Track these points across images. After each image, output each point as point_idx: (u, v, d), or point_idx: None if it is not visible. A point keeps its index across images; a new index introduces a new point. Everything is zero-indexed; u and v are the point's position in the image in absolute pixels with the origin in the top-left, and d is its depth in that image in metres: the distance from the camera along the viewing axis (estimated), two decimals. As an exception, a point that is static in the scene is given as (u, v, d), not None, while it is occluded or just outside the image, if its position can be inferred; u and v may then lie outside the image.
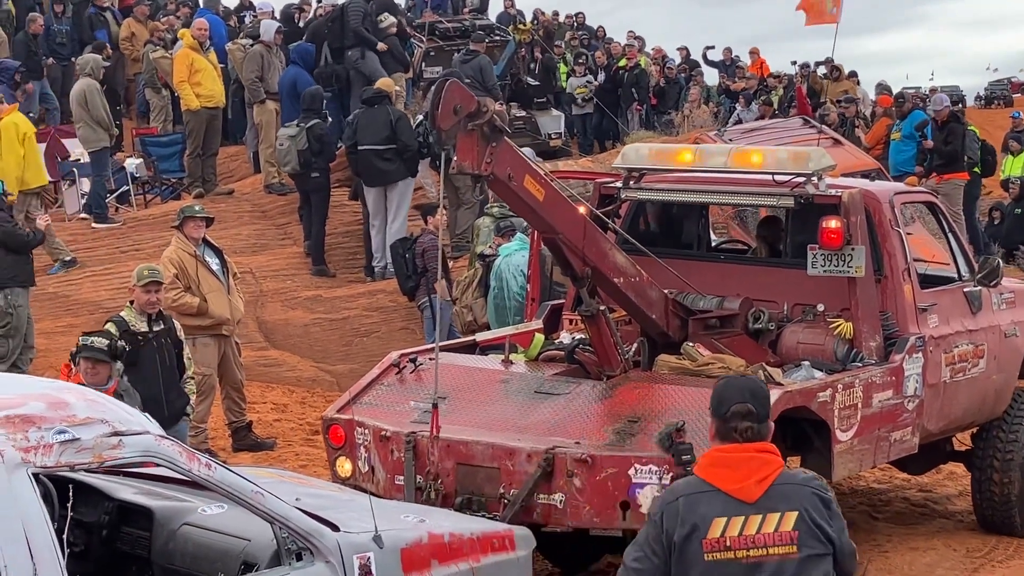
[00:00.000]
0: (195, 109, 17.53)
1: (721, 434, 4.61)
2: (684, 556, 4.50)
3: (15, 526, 4.86)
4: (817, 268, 8.53)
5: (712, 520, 4.49)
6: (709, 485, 4.55)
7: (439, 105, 7.13)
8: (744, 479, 4.53)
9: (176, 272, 10.83)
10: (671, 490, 4.69)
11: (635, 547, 4.62)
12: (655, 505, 4.68)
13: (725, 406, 4.61)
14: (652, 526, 4.58)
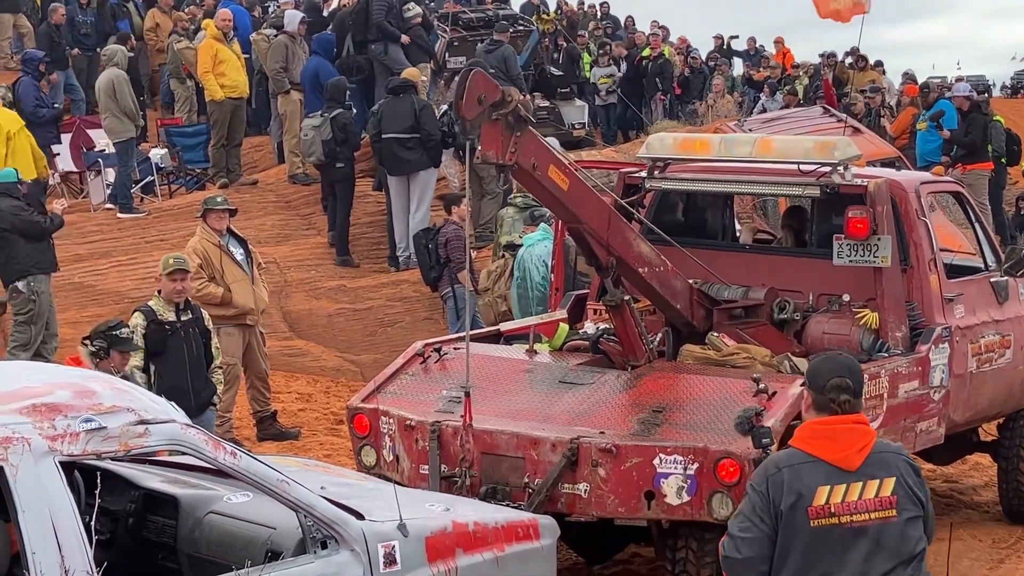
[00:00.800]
0: (219, 100, 17.56)
1: (819, 406, 4.91)
2: (790, 523, 4.79)
3: (42, 514, 4.90)
4: (843, 258, 8.50)
5: (816, 489, 4.79)
6: (810, 456, 4.85)
7: (464, 95, 7.13)
8: (845, 449, 4.84)
9: (200, 262, 10.86)
10: (773, 462, 4.94)
11: (740, 518, 4.89)
12: (757, 477, 4.92)
13: (824, 380, 4.91)
14: (757, 496, 4.85)
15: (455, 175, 17.47)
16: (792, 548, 4.81)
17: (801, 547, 4.80)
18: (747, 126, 16.26)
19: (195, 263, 10.76)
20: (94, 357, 8.36)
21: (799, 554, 4.80)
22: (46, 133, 16.89)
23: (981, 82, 42.43)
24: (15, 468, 4.90)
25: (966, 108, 18.37)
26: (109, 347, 8.40)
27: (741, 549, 4.87)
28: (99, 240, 16.50)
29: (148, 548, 6.30)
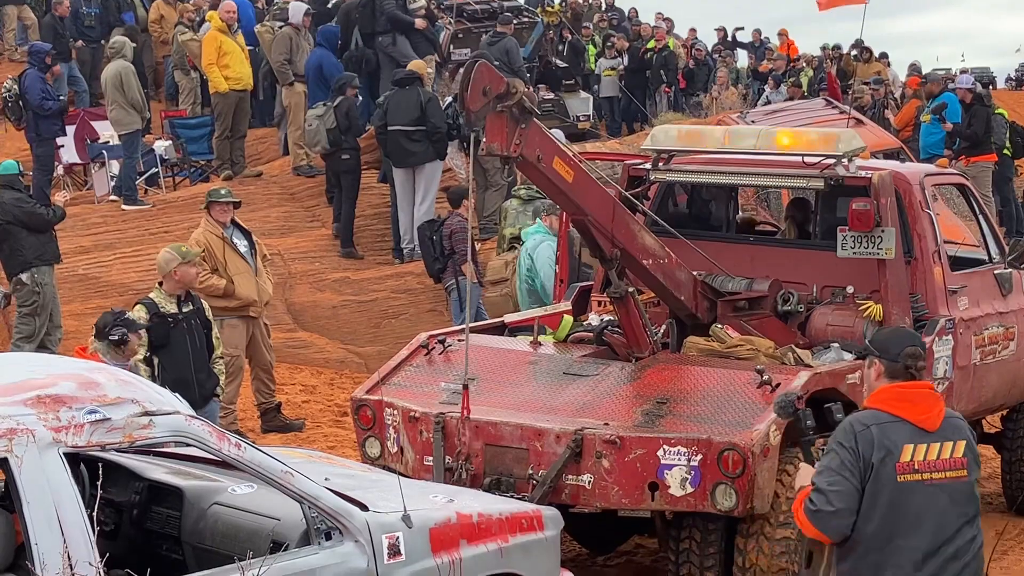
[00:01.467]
0: (224, 92, 17.56)
1: (893, 374, 5.31)
2: (879, 477, 5.13)
3: (47, 505, 4.91)
4: (847, 250, 8.50)
5: (903, 446, 5.16)
6: (894, 416, 5.21)
7: (468, 86, 7.13)
8: (926, 411, 5.24)
9: (203, 254, 10.86)
10: (859, 420, 5.23)
11: (826, 473, 5.16)
12: (844, 434, 5.20)
13: (899, 348, 5.33)
14: (847, 452, 5.15)
15: (461, 167, 17.48)
16: (879, 501, 5.14)
17: (888, 501, 5.13)
18: (750, 118, 16.26)
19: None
20: (117, 345, 8.35)
21: (885, 507, 5.13)
22: (51, 125, 16.90)
23: (985, 74, 42.39)
24: (20, 459, 4.92)
25: (969, 100, 18.36)
26: (128, 331, 8.43)
27: (833, 502, 5.14)
28: (103, 232, 16.51)
29: (152, 539, 6.31)
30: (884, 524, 5.15)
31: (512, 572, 6.37)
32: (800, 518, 5.30)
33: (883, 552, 5.16)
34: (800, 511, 5.28)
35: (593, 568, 9.05)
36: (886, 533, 5.15)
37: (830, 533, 5.22)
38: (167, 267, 9.49)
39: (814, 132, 9.09)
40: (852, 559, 5.24)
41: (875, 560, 5.18)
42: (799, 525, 5.40)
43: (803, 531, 5.41)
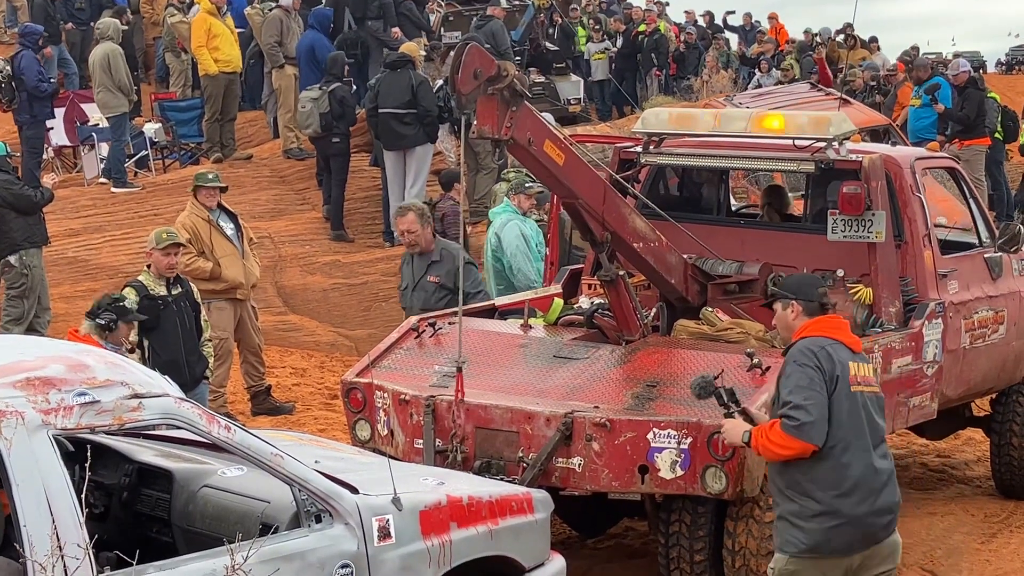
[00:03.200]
0: (213, 74, 17.52)
1: (813, 311, 6.24)
2: (840, 388, 6.00)
3: (36, 487, 4.90)
4: (837, 233, 8.50)
5: (848, 362, 6.07)
6: (835, 339, 6.12)
7: (459, 69, 7.11)
8: (852, 337, 6.27)
9: (189, 237, 10.85)
10: (810, 344, 6.06)
11: (799, 391, 5.94)
12: (805, 356, 6.00)
13: (811, 289, 6.31)
14: (812, 370, 5.97)
15: (451, 150, 17.46)
16: (843, 408, 5.99)
17: (846, 408, 6.00)
18: (737, 101, 16.24)
19: (184, 237, 10.73)
20: (103, 330, 8.35)
21: (846, 414, 5.99)
22: (42, 107, 16.85)
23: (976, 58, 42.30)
24: (9, 442, 4.90)
25: (963, 83, 18.35)
26: (118, 319, 8.40)
27: (812, 412, 5.91)
28: (93, 215, 16.48)
29: (142, 522, 6.30)
30: (849, 428, 5.99)
31: (502, 555, 6.37)
32: (777, 442, 5.96)
33: (849, 451, 5.99)
34: (777, 436, 5.95)
35: (583, 551, 9.06)
36: (852, 435, 6.00)
37: (815, 440, 5.91)
38: (148, 248, 9.54)
39: (805, 115, 9.06)
40: (827, 463, 5.98)
41: (847, 460, 5.99)
42: (775, 450, 5.99)
43: (780, 453, 5.99)
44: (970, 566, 8.85)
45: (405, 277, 10.05)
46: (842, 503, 6.01)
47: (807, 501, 6.05)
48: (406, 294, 10.01)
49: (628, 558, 8.88)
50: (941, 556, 8.93)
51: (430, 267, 9.79)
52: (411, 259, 9.99)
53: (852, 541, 6.07)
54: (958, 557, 8.95)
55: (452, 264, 9.43)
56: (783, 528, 6.15)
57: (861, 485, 6.03)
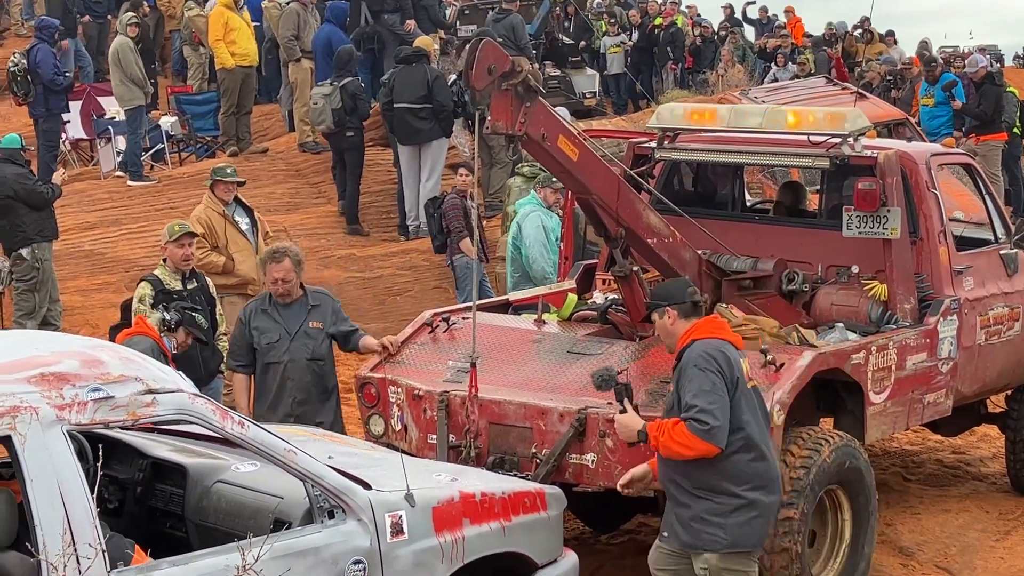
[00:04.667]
0: (230, 68, 17.55)
1: (687, 312, 6.54)
2: (740, 388, 6.30)
3: (50, 483, 4.92)
4: (852, 230, 8.48)
5: (739, 361, 6.38)
6: (724, 340, 6.42)
7: (473, 65, 7.10)
8: (734, 335, 6.62)
9: (204, 231, 10.85)
10: (708, 348, 6.30)
11: (704, 395, 6.17)
12: (707, 362, 6.24)
13: (682, 292, 6.64)
14: (715, 375, 6.22)
15: (465, 145, 17.46)
16: (740, 406, 6.28)
17: (744, 404, 6.30)
18: (752, 95, 16.21)
19: (199, 232, 10.74)
20: (164, 324, 8.41)
21: (748, 411, 6.30)
22: (58, 101, 16.89)
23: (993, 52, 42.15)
24: (23, 437, 4.92)
25: (980, 78, 18.27)
26: (182, 323, 8.48)
27: (718, 416, 6.17)
28: (109, 208, 16.52)
29: (156, 517, 6.32)
30: (754, 423, 6.32)
31: (515, 551, 6.38)
32: (682, 442, 6.19)
33: (757, 445, 6.32)
34: (682, 436, 6.18)
35: (596, 547, 9.06)
36: (756, 430, 6.32)
37: (721, 444, 6.18)
38: (162, 243, 9.57)
39: (820, 111, 9.04)
40: (739, 459, 6.26)
41: (757, 454, 6.31)
42: (677, 450, 6.22)
43: (683, 453, 6.22)
44: (984, 563, 8.83)
45: (270, 331, 8.50)
46: (757, 495, 6.31)
47: (724, 498, 6.28)
48: (278, 347, 8.46)
49: (641, 554, 8.80)
50: (955, 553, 8.91)
51: (310, 313, 8.56)
52: (273, 310, 8.56)
53: (765, 531, 6.46)
54: (972, 554, 8.93)
55: (330, 307, 8.69)
56: (699, 528, 6.33)
57: (772, 476, 6.40)
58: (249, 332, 8.57)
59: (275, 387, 8.50)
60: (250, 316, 8.62)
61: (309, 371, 8.48)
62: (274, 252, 8.63)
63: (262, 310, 8.61)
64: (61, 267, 14.15)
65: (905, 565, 8.70)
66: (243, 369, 8.65)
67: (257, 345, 8.54)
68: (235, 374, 8.75)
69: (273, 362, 8.50)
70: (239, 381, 8.70)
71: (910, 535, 9.09)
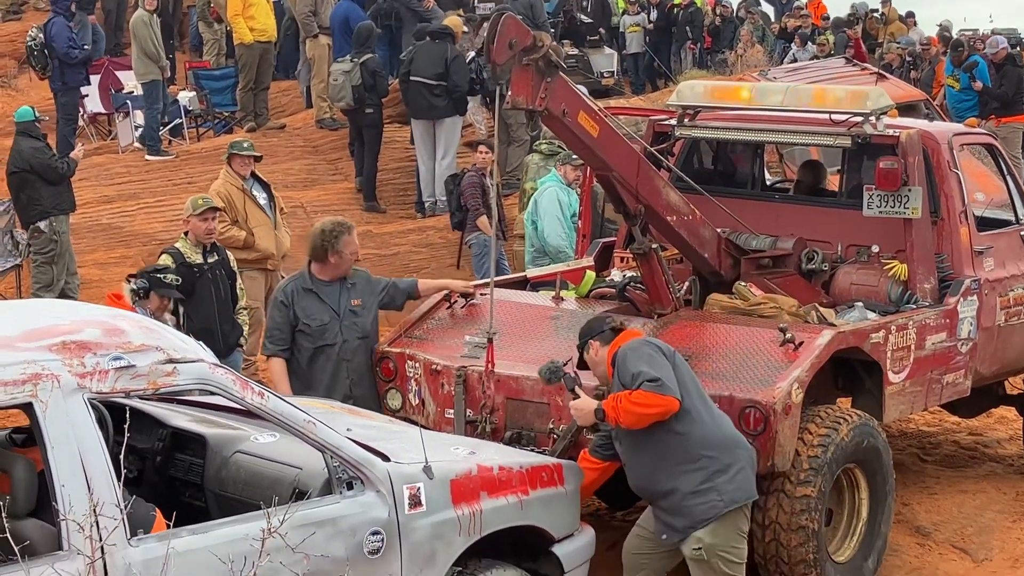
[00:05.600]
0: (248, 43, 17.54)
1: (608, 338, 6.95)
2: (677, 361, 6.72)
3: (71, 451, 4.93)
4: (873, 209, 8.45)
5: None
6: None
7: (495, 39, 7.08)
8: None
9: (223, 205, 10.86)
10: (640, 342, 6.73)
11: (649, 361, 6.56)
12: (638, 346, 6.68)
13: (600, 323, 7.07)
14: (649, 348, 6.66)
15: (482, 122, 17.44)
16: (684, 379, 6.65)
17: (688, 376, 6.71)
18: (771, 75, 16.17)
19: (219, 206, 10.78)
20: (134, 295, 8.40)
21: (689, 383, 6.68)
22: (76, 74, 16.89)
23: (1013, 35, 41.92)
24: (45, 405, 4.93)
25: (1000, 60, 18.20)
26: (150, 288, 8.43)
27: (664, 376, 6.49)
28: (127, 182, 16.55)
29: (175, 486, 6.34)
30: (696, 394, 6.70)
31: (532, 525, 6.39)
32: (642, 402, 6.45)
33: (706, 412, 6.71)
34: (639, 397, 6.45)
35: (612, 523, 9.06)
36: (699, 399, 6.71)
37: (675, 394, 6.47)
38: (185, 216, 9.55)
39: (842, 89, 9.01)
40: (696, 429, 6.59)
41: (709, 418, 6.69)
42: (639, 411, 6.48)
43: (646, 412, 6.48)
44: (1001, 544, 8.82)
45: (319, 312, 8.18)
46: (731, 453, 6.64)
47: (704, 461, 6.57)
48: (330, 329, 8.17)
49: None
50: (972, 534, 8.90)
51: (350, 291, 8.30)
52: (317, 290, 8.24)
53: (752, 484, 6.73)
54: (989, 535, 8.92)
55: (366, 280, 8.43)
56: (695, 503, 6.56)
57: (726, 434, 6.72)
58: (294, 314, 8.18)
59: (330, 370, 8.17)
60: (292, 297, 8.21)
61: (361, 350, 8.22)
62: (342, 224, 8.28)
63: (305, 289, 8.23)
64: (79, 240, 14.19)
65: (922, 545, 8.69)
66: (284, 353, 8.19)
67: (305, 328, 8.15)
68: (273, 359, 8.24)
69: (327, 344, 8.16)
70: (279, 366, 8.20)
71: (927, 515, 9.07)
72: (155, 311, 8.42)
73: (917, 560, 8.48)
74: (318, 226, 8.43)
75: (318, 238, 8.29)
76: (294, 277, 8.47)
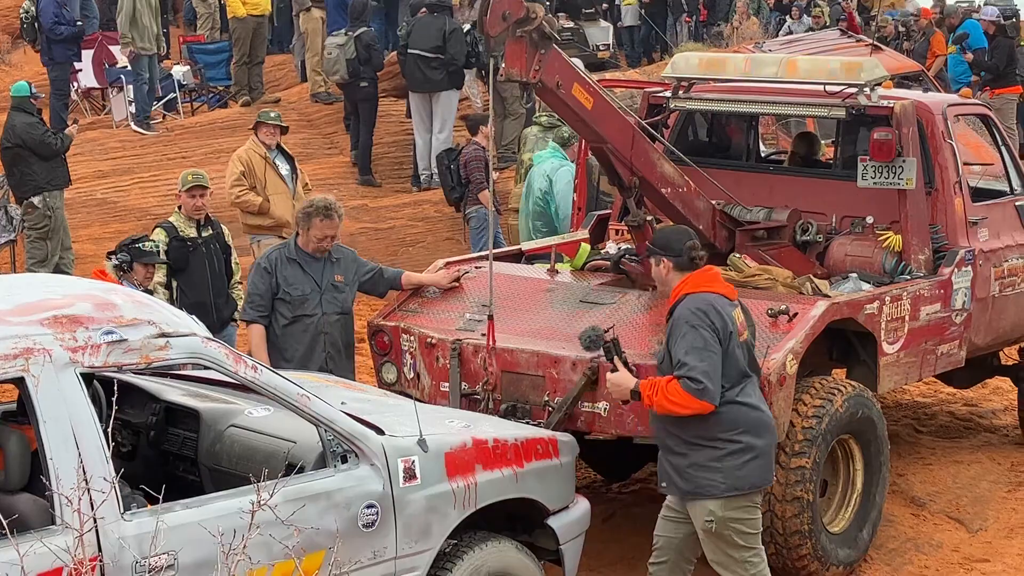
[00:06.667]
0: (242, 17, 17.50)
1: (683, 266, 6.49)
2: (732, 341, 6.32)
3: (63, 425, 4.93)
4: (867, 180, 8.44)
5: (731, 313, 6.39)
6: (714, 293, 6.40)
7: (488, 11, 7.06)
8: (727, 286, 6.59)
9: (243, 170, 10.96)
10: (699, 303, 6.30)
11: (697, 352, 6.20)
12: (699, 318, 6.25)
13: (679, 244, 6.53)
14: (706, 331, 6.23)
15: (477, 95, 17.40)
16: (735, 358, 6.33)
17: (739, 356, 6.36)
18: (766, 48, 16.12)
19: (237, 170, 11.03)
20: (117, 270, 8.41)
21: (739, 361, 6.36)
22: (65, 50, 16.83)
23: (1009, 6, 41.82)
24: (36, 379, 4.92)
25: (992, 32, 18.17)
26: (132, 260, 8.44)
27: (712, 375, 6.21)
28: (121, 156, 16.51)
29: (169, 460, 6.34)
30: (744, 374, 6.38)
31: (527, 497, 6.39)
32: (676, 401, 6.22)
33: (748, 394, 6.40)
34: (676, 395, 6.21)
35: (608, 495, 9.09)
36: (747, 380, 6.41)
37: (713, 400, 6.22)
38: (178, 191, 9.55)
39: (836, 61, 8.98)
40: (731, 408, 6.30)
41: (749, 401, 6.39)
42: (671, 408, 6.25)
43: (677, 411, 6.26)
44: (996, 514, 8.83)
45: (301, 283, 8.18)
46: (751, 439, 6.37)
47: (719, 443, 6.34)
48: (310, 300, 8.17)
49: (652, 502, 8.86)
50: (967, 504, 8.92)
51: (333, 266, 8.29)
52: (301, 261, 8.22)
53: (764, 474, 6.48)
54: (984, 505, 8.94)
55: (351, 259, 8.40)
56: (696, 474, 6.38)
57: (763, 422, 6.44)
58: (276, 282, 8.18)
59: (307, 340, 8.16)
60: (276, 265, 8.21)
61: (338, 325, 8.25)
62: (326, 208, 8.21)
63: (289, 259, 8.23)
64: (73, 216, 14.17)
65: (916, 515, 8.71)
66: (263, 320, 8.19)
67: (285, 297, 8.15)
68: (253, 325, 8.23)
69: (305, 315, 8.16)
70: (258, 332, 8.18)
71: (921, 486, 9.09)
72: (141, 281, 8.44)
73: (912, 531, 8.49)
74: (308, 199, 8.57)
75: (299, 211, 8.40)
76: (280, 246, 8.53)
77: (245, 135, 17.20)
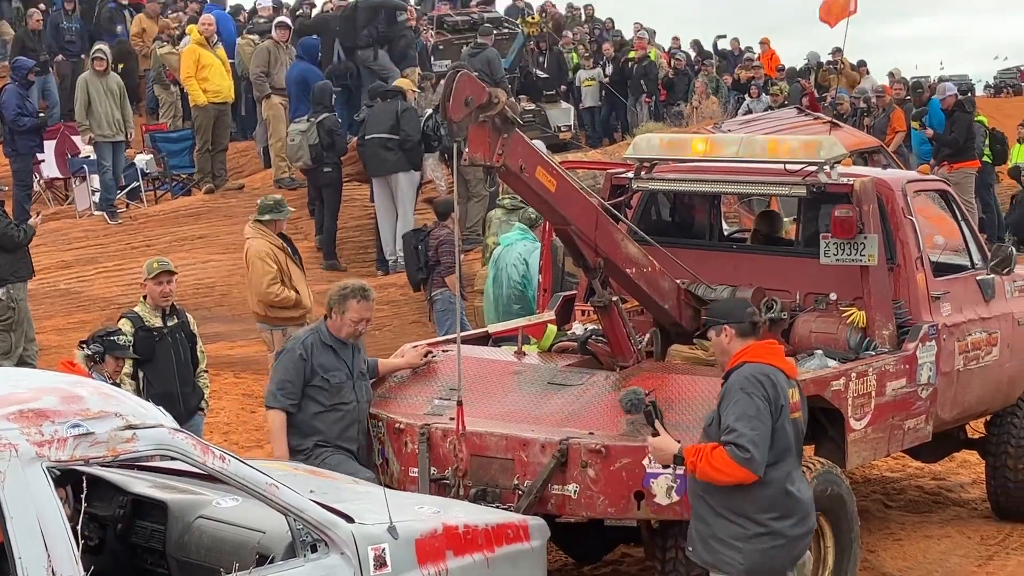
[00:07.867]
0: (202, 104, 17.57)
1: (746, 332, 6.42)
2: (782, 416, 6.21)
3: (30, 520, 4.87)
4: (830, 257, 8.51)
5: (787, 390, 6.27)
6: (775, 367, 6.30)
7: (450, 97, 7.11)
8: (788, 363, 6.49)
9: (277, 267, 10.94)
10: (756, 372, 6.21)
11: (748, 420, 6.08)
12: (753, 386, 6.16)
13: (741, 311, 6.52)
14: (762, 402, 6.14)
15: (442, 178, 17.49)
16: (783, 436, 6.21)
17: (788, 435, 6.24)
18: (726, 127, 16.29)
19: (273, 268, 10.96)
20: (89, 360, 8.37)
21: (786, 441, 6.23)
22: (27, 141, 16.85)
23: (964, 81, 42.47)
24: (3, 475, 4.87)
25: (950, 107, 18.43)
26: (105, 352, 8.42)
27: (760, 445, 6.09)
28: (85, 246, 16.47)
29: (137, 554, 6.28)
30: (790, 454, 6.28)
31: (498, 582, 6.35)
32: (721, 468, 6.11)
33: (792, 477, 6.28)
34: (720, 462, 6.10)
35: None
36: (793, 462, 6.33)
37: (757, 471, 6.12)
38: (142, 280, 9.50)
39: (796, 139, 9.08)
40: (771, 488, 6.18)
41: (790, 487, 6.26)
42: (715, 476, 6.15)
43: (721, 479, 6.15)
44: (968, 589, 8.83)
45: (337, 369, 8.00)
46: (782, 525, 6.25)
47: (746, 522, 6.22)
48: (347, 388, 8.00)
49: (625, 585, 8.85)
50: (939, 579, 8.92)
51: (358, 353, 8.19)
52: (334, 347, 8.04)
53: (786, 561, 6.34)
54: (955, 580, 8.94)
55: (362, 346, 8.22)
56: (718, 548, 6.28)
57: (800, 509, 6.31)
58: (311, 368, 7.95)
59: (338, 430, 7.94)
60: (312, 350, 7.97)
61: (366, 414, 8.09)
62: (363, 289, 8.04)
63: (324, 344, 8.02)
64: (37, 306, 14.11)
65: (889, 591, 8.70)
66: (293, 408, 7.91)
67: (323, 384, 7.93)
68: (274, 412, 7.93)
69: (343, 403, 7.96)
70: (279, 420, 7.90)
71: (892, 561, 9.08)
72: (112, 374, 8.43)
73: (885, 607, 8.48)
74: (339, 283, 8.37)
75: (332, 294, 8.17)
76: (311, 331, 8.26)
77: (209, 222, 17.28)
